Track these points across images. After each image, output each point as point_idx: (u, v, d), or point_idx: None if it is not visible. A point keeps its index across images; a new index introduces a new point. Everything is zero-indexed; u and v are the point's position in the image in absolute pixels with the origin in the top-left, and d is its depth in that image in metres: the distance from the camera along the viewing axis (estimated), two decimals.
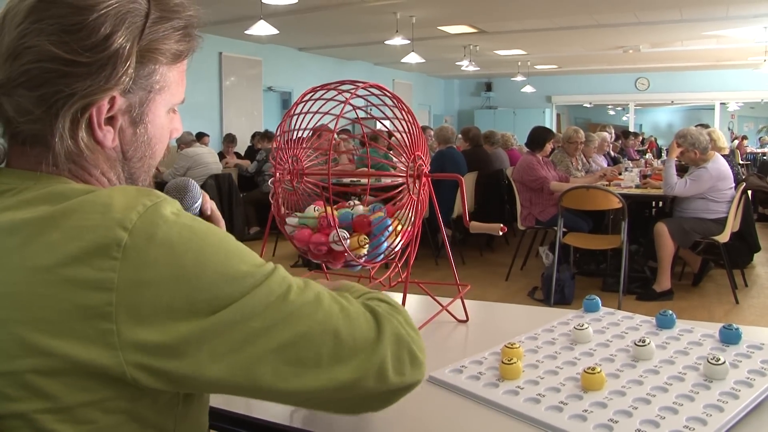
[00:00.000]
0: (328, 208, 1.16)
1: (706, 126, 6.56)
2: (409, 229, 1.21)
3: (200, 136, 8.10)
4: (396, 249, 1.23)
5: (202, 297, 0.60)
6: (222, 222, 0.97)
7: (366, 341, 0.68)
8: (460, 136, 7.13)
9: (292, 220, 1.23)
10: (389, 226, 1.19)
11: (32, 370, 0.59)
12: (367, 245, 1.18)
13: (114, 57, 0.66)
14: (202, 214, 0.96)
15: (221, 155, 8.65)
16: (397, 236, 1.21)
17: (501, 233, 1.26)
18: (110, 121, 0.70)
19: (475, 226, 1.30)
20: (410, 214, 1.21)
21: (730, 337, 1.16)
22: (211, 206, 0.98)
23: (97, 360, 0.59)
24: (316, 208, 1.26)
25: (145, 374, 0.60)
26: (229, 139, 8.87)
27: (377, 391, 0.69)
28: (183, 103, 0.81)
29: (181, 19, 0.74)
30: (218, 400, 0.99)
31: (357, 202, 1.32)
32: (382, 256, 1.23)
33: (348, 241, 1.16)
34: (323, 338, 0.65)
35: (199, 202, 0.96)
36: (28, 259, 0.59)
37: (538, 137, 5.22)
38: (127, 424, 0.64)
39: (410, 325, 0.75)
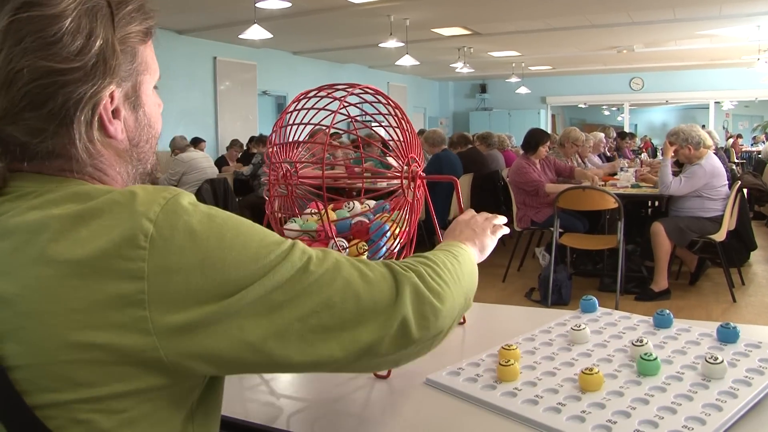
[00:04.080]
0: (325, 217, 1.15)
1: (703, 126, 6.57)
2: (405, 228, 1.21)
3: (197, 142, 8.03)
4: (394, 251, 1.22)
5: (228, 278, 0.64)
6: None
7: (386, 302, 0.71)
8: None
9: (292, 225, 1.23)
10: (387, 231, 1.19)
11: (69, 361, 0.60)
12: (366, 252, 1.17)
13: (102, 52, 0.67)
14: None
15: (224, 161, 8.58)
16: (395, 239, 1.20)
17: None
18: (115, 113, 0.73)
19: None
20: (405, 217, 1.21)
21: (727, 336, 1.16)
22: None
23: (133, 346, 0.61)
24: (313, 211, 1.25)
25: (180, 354, 0.63)
26: (232, 145, 8.84)
27: (406, 347, 0.73)
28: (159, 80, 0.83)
29: (130, 1, 0.74)
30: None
31: (355, 202, 1.31)
32: (381, 259, 1.23)
33: (347, 250, 1.16)
34: (345, 304, 0.68)
35: None
36: (59, 254, 0.61)
37: (532, 140, 5.21)
38: (156, 413, 0.66)
39: (436, 274, 0.79)
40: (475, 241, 1.03)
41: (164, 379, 0.64)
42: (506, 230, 1.13)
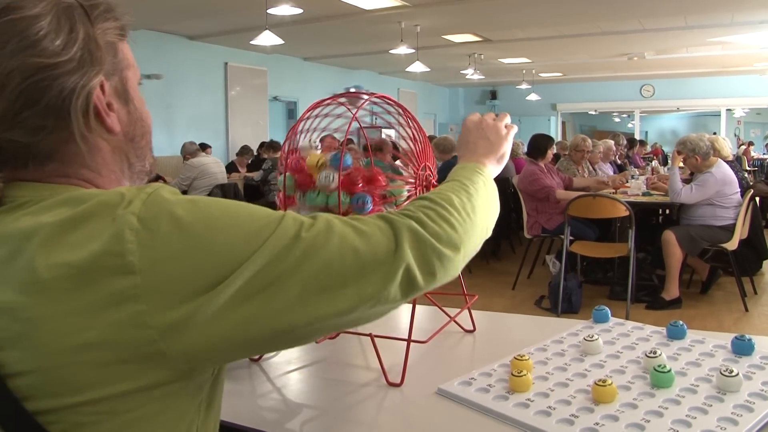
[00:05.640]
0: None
1: (714, 134, 6.54)
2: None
3: (203, 147, 7.99)
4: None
5: (221, 259, 0.63)
6: None
7: (385, 252, 0.70)
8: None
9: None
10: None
11: (70, 364, 0.60)
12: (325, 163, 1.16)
13: (86, 44, 0.69)
14: None
15: (233, 167, 8.53)
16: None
17: None
18: (109, 107, 0.74)
19: None
20: None
21: (742, 348, 1.15)
22: None
23: (132, 342, 0.61)
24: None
25: (183, 344, 0.62)
26: (243, 152, 8.79)
27: (415, 292, 0.73)
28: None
29: (101, 3, 0.75)
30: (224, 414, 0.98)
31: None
32: None
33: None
34: (344, 260, 0.68)
35: None
36: (52, 259, 0.61)
37: (539, 144, 5.19)
38: (162, 412, 0.65)
39: (440, 217, 0.77)
40: (494, 152, 1.00)
41: (168, 374, 0.64)
42: (516, 128, 1.08)
